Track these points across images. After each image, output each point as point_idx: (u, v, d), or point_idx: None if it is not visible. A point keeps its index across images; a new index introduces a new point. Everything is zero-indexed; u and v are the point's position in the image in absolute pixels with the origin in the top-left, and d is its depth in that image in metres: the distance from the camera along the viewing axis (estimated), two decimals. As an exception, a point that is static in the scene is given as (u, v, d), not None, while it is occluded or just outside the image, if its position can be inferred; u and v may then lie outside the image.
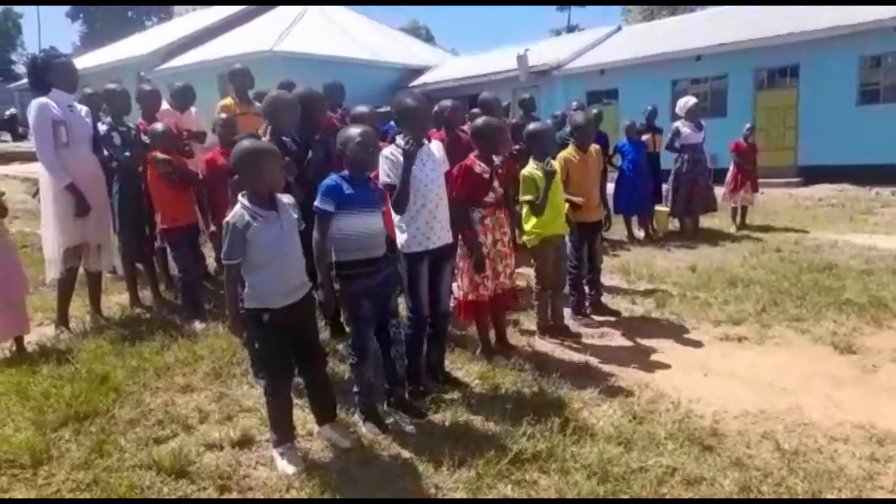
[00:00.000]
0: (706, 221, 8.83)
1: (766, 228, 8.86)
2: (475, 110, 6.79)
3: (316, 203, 3.05)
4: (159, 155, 4.86)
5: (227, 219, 2.78)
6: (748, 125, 9.31)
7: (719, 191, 8.94)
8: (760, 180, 9.34)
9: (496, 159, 4.02)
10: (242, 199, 2.80)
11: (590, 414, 3.40)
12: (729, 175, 8.95)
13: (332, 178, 3.11)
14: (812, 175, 13.66)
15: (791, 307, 5.11)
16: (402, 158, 3.37)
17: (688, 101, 8.51)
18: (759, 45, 14.63)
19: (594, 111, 8.31)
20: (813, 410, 3.41)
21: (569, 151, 5.02)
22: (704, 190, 8.41)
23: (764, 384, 3.78)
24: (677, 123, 8.45)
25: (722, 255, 7.21)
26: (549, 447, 2.98)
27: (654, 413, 3.40)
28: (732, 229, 8.81)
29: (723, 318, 4.95)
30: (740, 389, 3.72)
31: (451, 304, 4.01)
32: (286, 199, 2.92)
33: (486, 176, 3.98)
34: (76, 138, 4.63)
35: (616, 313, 5.20)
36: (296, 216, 2.93)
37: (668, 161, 8.93)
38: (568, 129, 5.97)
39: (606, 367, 4.10)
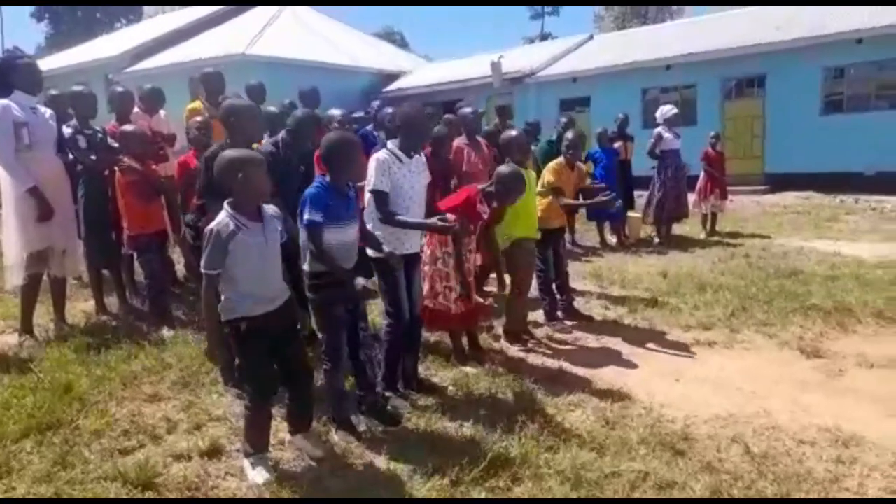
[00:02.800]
0: (677, 228, 8.96)
1: (735, 235, 9.03)
2: (448, 116, 6.82)
3: (306, 216, 2.97)
4: (128, 161, 4.76)
5: (210, 226, 2.66)
6: (712, 133, 9.51)
7: (690, 198, 9.08)
8: (728, 188, 9.53)
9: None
10: (228, 208, 2.70)
11: (563, 419, 3.41)
12: (699, 182, 9.11)
13: (315, 187, 3.05)
14: (778, 183, 13.98)
15: (759, 312, 5.21)
16: (394, 165, 3.48)
17: (670, 109, 8.65)
18: (726, 55, 14.96)
19: (563, 120, 8.39)
20: (781, 414, 3.46)
21: (559, 162, 5.20)
22: (683, 197, 8.54)
23: (733, 388, 3.84)
24: (659, 129, 8.54)
25: (692, 261, 7.32)
26: (523, 453, 2.98)
27: (627, 418, 3.42)
28: (702, 235, 8.97)
29: (693, 324, 5.02)
30: (710, 394, 3.77)
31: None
32: (271, 209, 2.83)
33: (485, 216, 4.06)
34: (39, 141, 4.50)
35: (589, 318, 5.24)
36: (280, 228, 2.86)
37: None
38: (555, 138, 6.11)
39: (580, 373, 4.12)
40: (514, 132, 4.79)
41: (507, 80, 18.12)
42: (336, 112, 4.65)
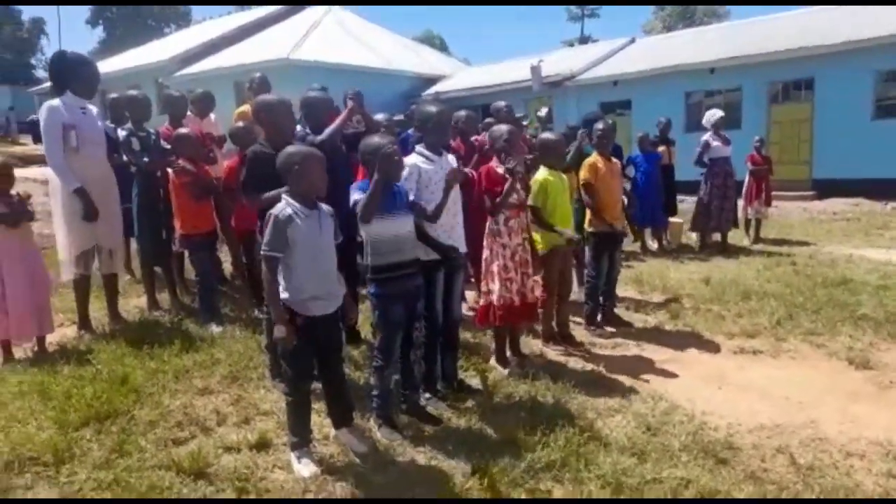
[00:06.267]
0: (718, 234, 8.80)
1: (781, 242, 8.83)
2: (488, 119, 6.87)
3: (353, 198, 3.13)
4: (183, 164, 4.94)
5: (270, 211, 2.86)
6: (757, 138, 9.31)
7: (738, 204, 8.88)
8: (774, 193, 9.30)
9: (512, 162, 4.06)
10: (286, 196, 2.89)
11: (603, 424, 3.41)
12: (745, 187, 8.93)
13: (362, 184, 3.20)
14: (826, 189, 13.60)
15: (806, 321, 5.09)
16: (424, 167, 3.50)
17: (714, 113, 8.47)
18: (772, 58, 14.63)
19: (609, 121, 8.31)
20: (828, 425, 3.40)
21: (595, 158, 5.11)
22: (734, 205, 8.37)
23: (779, 398, 3.78)
24: (706, 136, 8.36)
25: (736, 267, 7.19)
26: (564, 457, 2.99)
27: (668, 424, 3.40)
28: (746, 242, 8.79)
29: (737, 331, 4.95)
30: (755, 402, 3.72)
31: (467, 311, 4.04)
32: (326, 208, 2.99)
33: (509, 176, 4.04)
34: (87, 142, 4.56)
35: (629, 324, 5.20)
36: (334, 224, 3.00)
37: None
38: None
39: (620, 378, 4.11)
40: (552, 135, 4.77)
41: (547, 84, 18.05)
42: (380, 116, 4.73)
